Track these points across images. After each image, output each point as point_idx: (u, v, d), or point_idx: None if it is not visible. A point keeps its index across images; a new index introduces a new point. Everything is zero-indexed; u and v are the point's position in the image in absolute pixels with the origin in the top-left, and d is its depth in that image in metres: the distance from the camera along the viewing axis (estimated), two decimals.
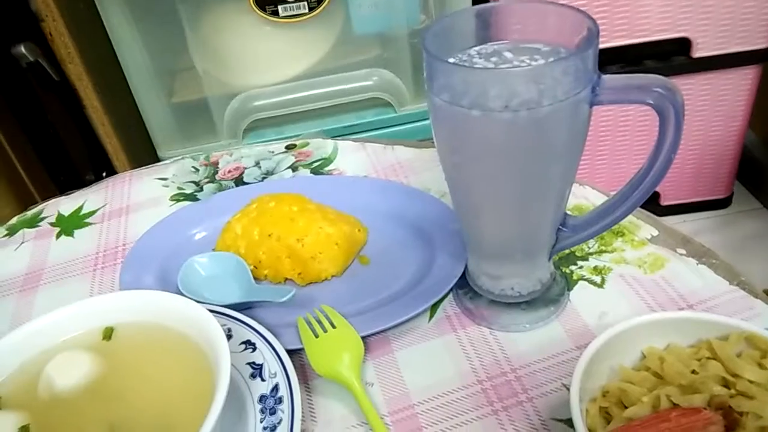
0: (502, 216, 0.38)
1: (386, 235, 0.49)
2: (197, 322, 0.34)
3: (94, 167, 1.06)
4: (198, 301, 0.41)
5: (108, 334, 0.36)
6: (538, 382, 0.38)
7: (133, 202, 0.59)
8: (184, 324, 0.35)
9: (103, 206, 0.59)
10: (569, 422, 0.33)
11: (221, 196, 0.55)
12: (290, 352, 0.38)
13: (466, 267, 0.44)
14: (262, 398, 0.36)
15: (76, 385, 0.33)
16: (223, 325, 0.40)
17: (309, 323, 0.40)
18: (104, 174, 1.05)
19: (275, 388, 0.36)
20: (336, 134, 0.68)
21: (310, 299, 0.45)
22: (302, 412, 0.37)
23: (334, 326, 0.40)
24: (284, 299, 0.42)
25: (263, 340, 0.38)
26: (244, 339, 0.39)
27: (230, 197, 0.54)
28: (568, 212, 0.40)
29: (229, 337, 0.39)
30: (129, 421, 0.32)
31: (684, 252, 0.45)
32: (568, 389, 0.31)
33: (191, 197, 0.59)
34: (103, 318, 0.37)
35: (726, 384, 0.30)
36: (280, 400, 0.35)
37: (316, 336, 0.39)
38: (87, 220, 0.58)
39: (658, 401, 0.30)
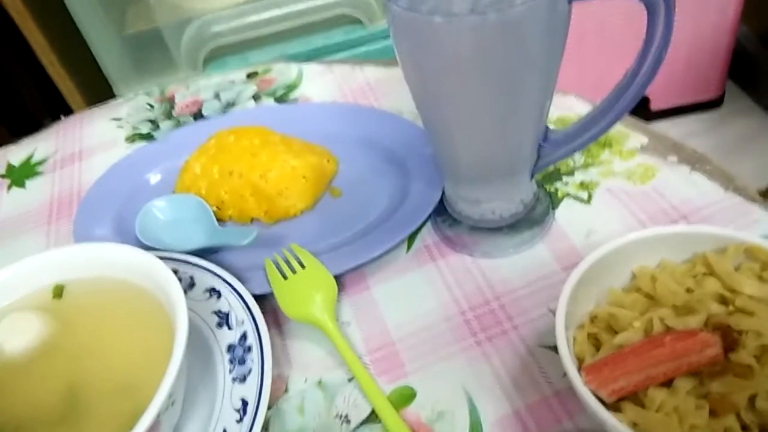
0: (476, 135, 0.35)
1: (358, 164, 0.46)
2: (151, 272, 0.32)
3: (50, 111, 0.99)
4: (158, 249, 0.39)
5: (58, 292, 0.34)
6: (524, 309, 0.36)
7: (86, 147, 0.55)
8: (139, 276, 0.33)
9: (54, 153, 0.55)
10: (557, 349, 0.32)
11: (178, 133, 0.51)
12: (261, 296, 0.36)
13: (443, 193, 0.41)
14: (230, 348, 0.34)
15: (27, 349, 0.32)
16: (184, 273, 0.37)
17: (277, 264, 0.38)
18: (62, 117, 0.99)
19: (243, 336, 0.34)
20: (304, 58, 0.63)
21: (279, 238, 0.42)
22: (277, 358, 0.36)
23: (303, 266, 0.37)
24: (246, 242, 0.39)
25: (228, 287, 0.36)
26: (208, 286, 0.36)
27: (188, 134, 0.50)
28: (550, 126, 0.37)
29: (192, 285, 0.37)
30: (88, 382, 0.30)
31: (675, 159, 0.42)
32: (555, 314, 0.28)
33: (148, 137, 0.54)
34: (53, 275, 0.34)
35: (724, 301, 0.28)
36: (249, 349, 0.33)
37: (285, 278, 0.37)
38: (38, 169, 0.54)
39: (651, 325, 0.27)
